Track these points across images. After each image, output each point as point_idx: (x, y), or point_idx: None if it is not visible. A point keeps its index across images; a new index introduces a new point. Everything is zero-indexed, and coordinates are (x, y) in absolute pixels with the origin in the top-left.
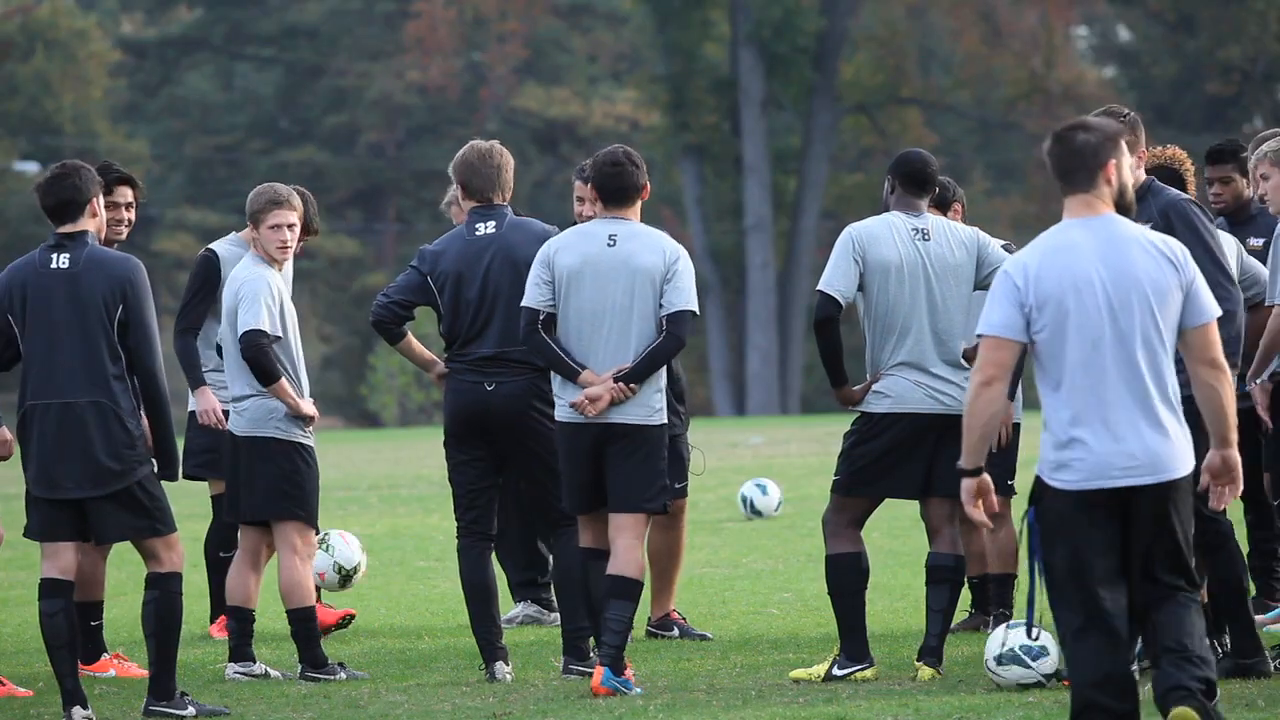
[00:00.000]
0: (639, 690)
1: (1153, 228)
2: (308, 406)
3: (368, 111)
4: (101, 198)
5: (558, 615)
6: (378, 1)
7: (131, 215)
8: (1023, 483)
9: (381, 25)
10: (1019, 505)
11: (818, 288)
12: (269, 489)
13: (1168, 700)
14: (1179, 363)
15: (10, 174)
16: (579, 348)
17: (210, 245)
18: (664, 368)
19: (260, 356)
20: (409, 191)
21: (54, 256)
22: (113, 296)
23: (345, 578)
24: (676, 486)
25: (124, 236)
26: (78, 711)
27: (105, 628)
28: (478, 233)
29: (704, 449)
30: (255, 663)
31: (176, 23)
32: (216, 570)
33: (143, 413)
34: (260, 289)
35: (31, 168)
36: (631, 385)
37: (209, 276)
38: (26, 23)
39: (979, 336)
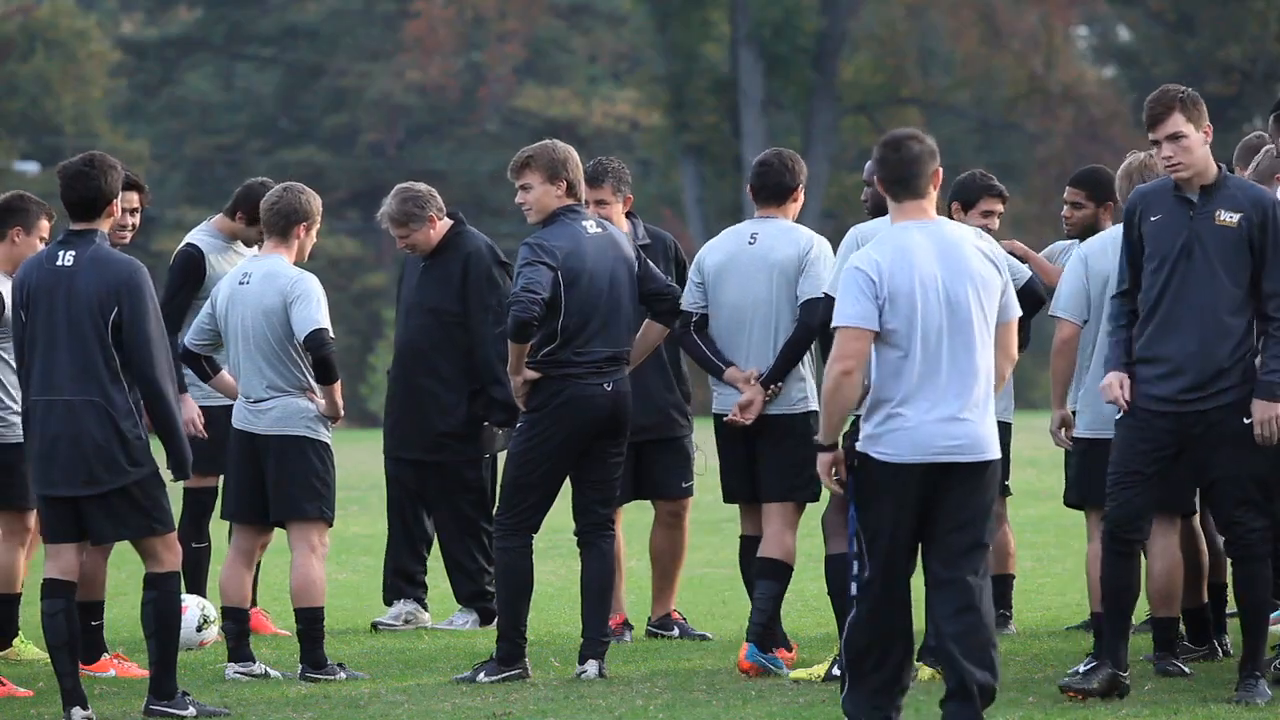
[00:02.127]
0: (787, 671)
1: (1242, 217)
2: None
3: (368, 111)
4: (120, 198)
5: (427, 616)
6: (378, 1)
7: (136, 220)
8: (1018, 483)
9: (381, 25)
10: (1015, 506)
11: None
12: (301, 488)
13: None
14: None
15: (10, 174)
16: (728, 344)
17: (189, 239)
18: (803, 358)
19: (330, 356)
20: None
21: (61, 253)
22: (108, 298)
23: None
24: (683, 486)
25: (127, 240)
26: (77, 712)
27: (105, 628)
28: (589, 231)
29: (705, 449)
30: (255, 662)
31: (176, 23)
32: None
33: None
34: (315, 288)
35: (31, 168)
36: (777, 384)
37: (191, 272)
38: (26, 23)
39: (835, 329)
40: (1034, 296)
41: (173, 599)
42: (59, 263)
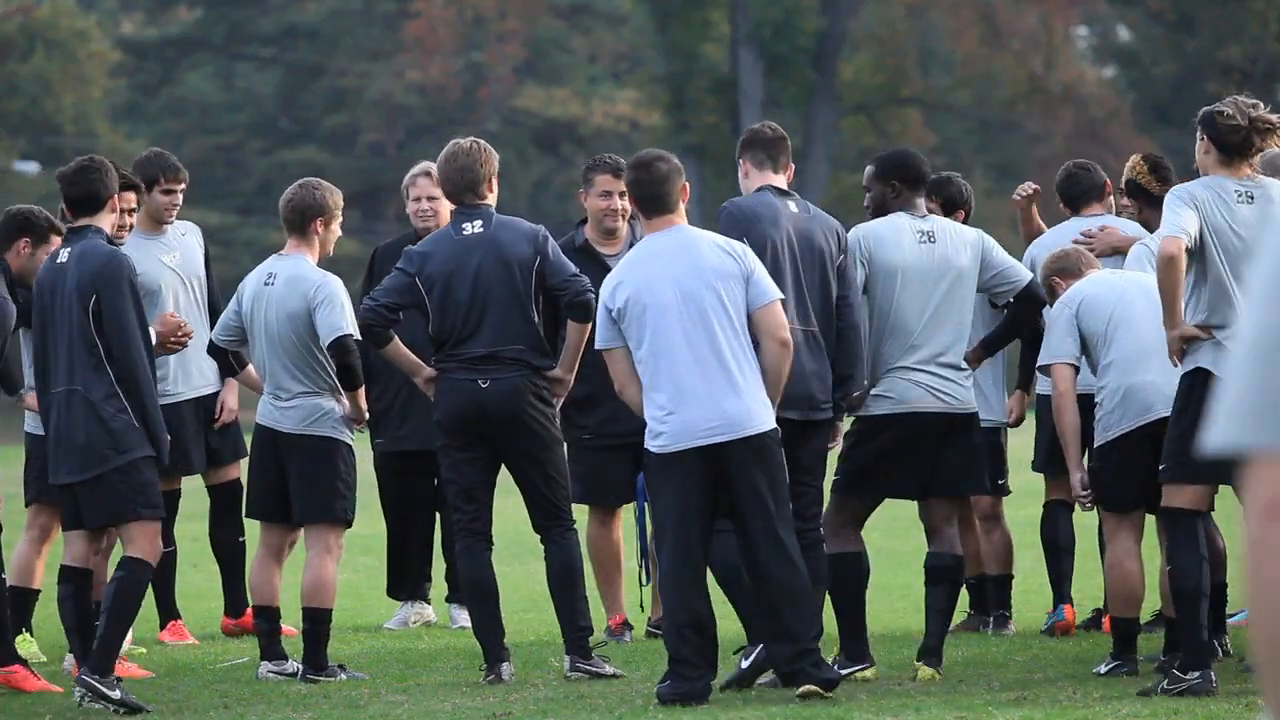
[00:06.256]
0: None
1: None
2: (365, 410)
3: (368, 111)
4: (117, 198)
5: (430, 610)
6: (378, 1)
7: (133, 220)
8: (1018, 483)
9: (381, 25)
10: (1015, 506)
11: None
12: (326, 490)
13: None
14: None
15: (10, 174)
16: None
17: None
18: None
19: (355, 361)
20: None
21: (63, 251)
22: (88, 287)
23: None
24: None
25: (125, 240)
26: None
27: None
28: (465, 232)
29: None
30: (288, 660)
31: (176, 23)
32: (228, 560)
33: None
34: (338, 292)
35: (31, 168)
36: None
37: None
38: (26, 23)
39: (598, 351)
40: (1035, 299)
41: (139, 585)
42: (59, 260)
